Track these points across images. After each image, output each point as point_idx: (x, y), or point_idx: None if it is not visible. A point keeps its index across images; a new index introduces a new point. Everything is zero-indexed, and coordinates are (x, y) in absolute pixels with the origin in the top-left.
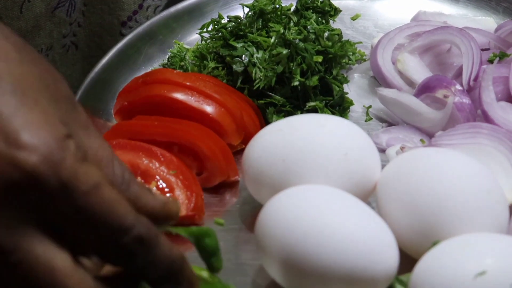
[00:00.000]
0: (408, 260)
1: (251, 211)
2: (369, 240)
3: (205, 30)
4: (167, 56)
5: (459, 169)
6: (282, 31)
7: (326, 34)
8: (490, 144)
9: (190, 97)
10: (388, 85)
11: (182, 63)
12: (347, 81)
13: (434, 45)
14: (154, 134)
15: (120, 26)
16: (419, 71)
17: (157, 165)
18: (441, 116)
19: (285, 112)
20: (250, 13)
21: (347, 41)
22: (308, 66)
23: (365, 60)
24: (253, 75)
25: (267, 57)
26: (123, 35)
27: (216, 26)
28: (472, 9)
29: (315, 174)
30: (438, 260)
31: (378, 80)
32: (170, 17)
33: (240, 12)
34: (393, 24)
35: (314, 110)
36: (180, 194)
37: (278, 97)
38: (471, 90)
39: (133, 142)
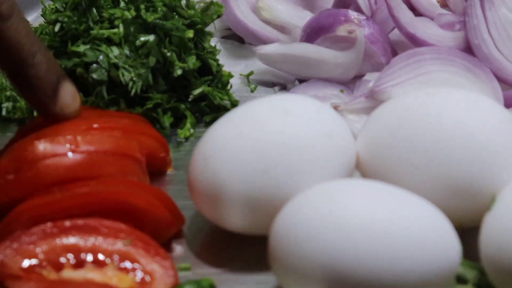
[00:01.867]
0: None
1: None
2: (426, 233)
3: None
4: None
5: None
6: (132, 14)
7: (183, 1)
8: (440, 69)
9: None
10: (260, 40)
11: None
12: (218, 52)
13: None
14: (67, 208)
15: None
16: (293, 13)
17: (102, 241)
18: (353, 56)
19: (170, 110)
20: (64, 6)
21: (211, 2)
22: (182, 47)
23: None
24: (122, 79)
25: (127, 52)
26: None
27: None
28: None
29: (305, 172)
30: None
31: (245, 38)
32: None
33: None
34: None
35: (202, 97)
36: (155, 267)
37: (157, 95)
38: (373, 15)
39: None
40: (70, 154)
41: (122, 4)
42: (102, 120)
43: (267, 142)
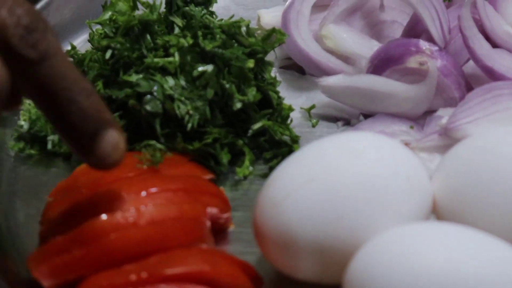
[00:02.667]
0: None
1: None
2: None
3: None
4: None
5: None
6: (189, 41)
7: (243, 28)
8: None
9: None
10: (323, 71)
11: None
12: (279, 83)
13: (360, 4)
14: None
15: None
16: (359, 42)
17: None
18: (425, 90)
19: (227, 145)
20: (114, 31)
21: (273, 29)
22: (242, 78)
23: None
24: (177, 111)
25: (183, 83)
26: None
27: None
28: None
29: (380, 218)
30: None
31: (306, 68)
32: None
33: None
34: None
35: (261, 132)
36: None
37: (215, 129)
38: (446, 45)
39: None
40: (136, 226)
41: (176, 30)
42: (161, 182)
43: (340, 187)
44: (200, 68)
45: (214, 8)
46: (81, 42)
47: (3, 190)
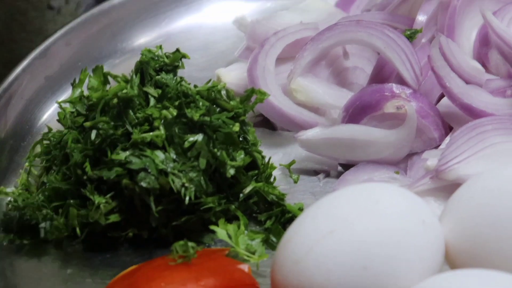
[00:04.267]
0: None
1: None
2: None
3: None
4: None
5: None
6: (173, 113)
7: (223, 92)
8: (506, 140)
9: None
10: (297, 125)
11: None
12: (260, 142)
13: (324, 54)
14: None
15: None
16: (330, 93)
17: None
18: (405, 134)
19: (219, 213)
20: (87, 109)
21: (252, 89)
22: (230, 143)
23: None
24: (173, 186)
25: (173, 155)
26: None
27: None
28: None
29: (403, 265)
30: None
31: (279, 124)
32: None
33: None
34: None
35: (251, 195)
36: None
37: (209, 199)
38: (419, 87)
39: None
40: None
41: (152, 101)
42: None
43: (361, 237)
44: (191, 139)
45: None
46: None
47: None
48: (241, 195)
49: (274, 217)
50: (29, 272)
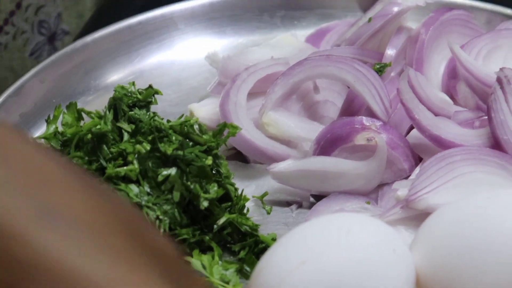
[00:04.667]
0: None
1: None
2: None
3: None
4: None
5: None
6: (146, 147)
7: (196, 126)
8: (474, 170)
9: None
10: (269, 158)
11: None
12: (233, 175)
13: (295, 88)
14: None
15: None
16: (301, 126)
17: None
18: (375, 165)
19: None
20: (62, 145)
21: (224, 124)
22: (203, 176)
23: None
24: (148, 218)
25: (148, 189)
26: None
27: None
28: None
29: None
30: None
31: (252, 157)
32: None
33: None
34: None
35: (225, 226)
36: None
37: (183, 230)
38: (389, 119)
39: None
40: None
41: (126, 136)
42: None
43: (333, 266)
44: (165, 172)
45: None
46: None
47: None
48: (215, 226)
49: (248, 247)
50: None
